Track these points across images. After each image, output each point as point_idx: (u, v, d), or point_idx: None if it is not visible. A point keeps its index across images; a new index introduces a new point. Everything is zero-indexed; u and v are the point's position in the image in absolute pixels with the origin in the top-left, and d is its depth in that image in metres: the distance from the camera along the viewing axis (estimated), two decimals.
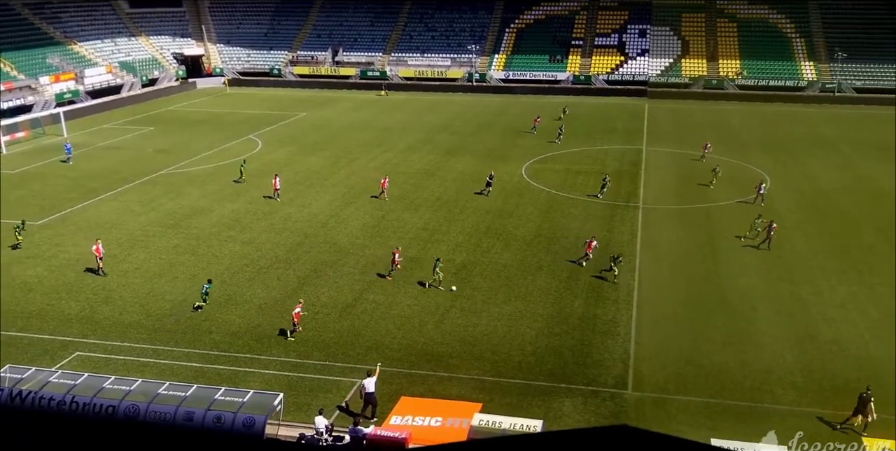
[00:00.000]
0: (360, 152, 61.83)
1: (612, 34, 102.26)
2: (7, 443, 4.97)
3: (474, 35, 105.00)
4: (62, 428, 5.21)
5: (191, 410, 23.33)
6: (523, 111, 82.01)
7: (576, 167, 56.79)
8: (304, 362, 28.43)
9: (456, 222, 44.13)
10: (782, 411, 25.36)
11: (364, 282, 35.53)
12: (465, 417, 23.71)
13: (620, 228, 43.26)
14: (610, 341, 29.91)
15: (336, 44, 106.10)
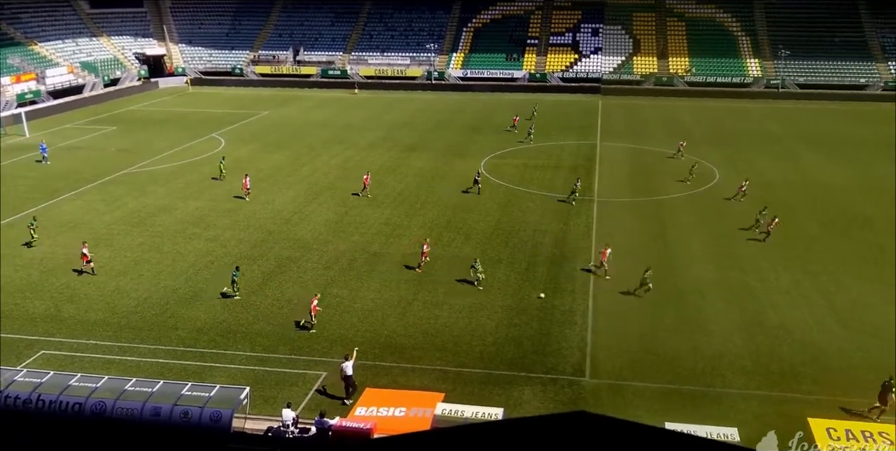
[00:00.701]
0: (321, 150, 61.45)
1: (566, 33, 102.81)
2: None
3: (433, 34, 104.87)
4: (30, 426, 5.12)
5: (158, 405, 23.01)
6: (481, 108, 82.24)
7: (533, 162, 57.03)
8: (270, 356, 28.22)
9: (417, 217, 44.09)
10: (733, 394, 25.77)
11: (328, 277, 35.35)
12: (429, 407, 23.72)
13: (576, 220, 43.54)
14: (567, 331, 30.13)
15: (297, 43, 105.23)
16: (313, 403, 25.04)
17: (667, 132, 68.79)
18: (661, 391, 26.00)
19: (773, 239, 39.97)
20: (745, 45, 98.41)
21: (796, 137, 67.32)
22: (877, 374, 26.83)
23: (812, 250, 39.30)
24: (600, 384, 26.43)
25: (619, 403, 25.21)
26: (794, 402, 25.04)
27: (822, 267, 36.73)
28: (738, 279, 35.17)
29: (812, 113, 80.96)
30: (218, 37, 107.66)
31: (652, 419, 23.14)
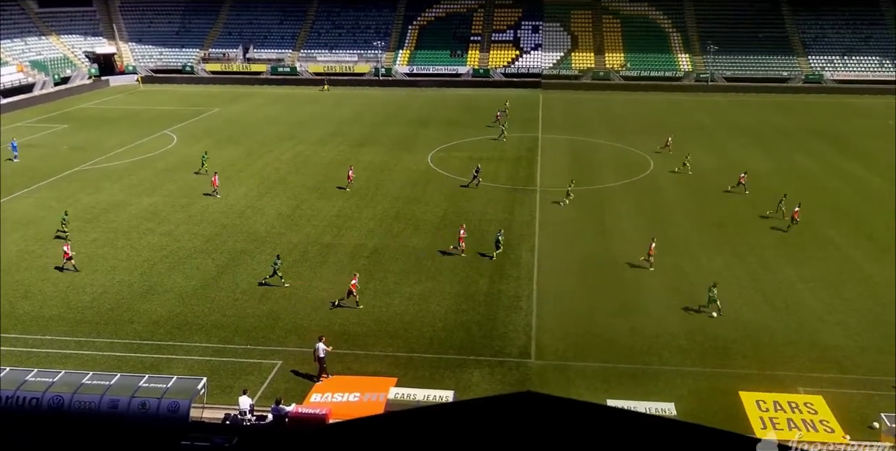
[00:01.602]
0: (273, 145, 60.66)
1: (507, 30, 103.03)
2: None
3: (379, 32, 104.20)
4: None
5: (115, 398, 22.57)
6: (427, 103, 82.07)
7: (478, 155, 57.07)
8: (226, 346, 27.86)
9: (367, 209, 43.87)
10: (669, 371, 26.25)
11: (281, 268, 34.87)
12: (382, 391, 23.71)
13: (520, 210, 43.80)
14: (514, 315, 30.33)
15: (247, 41, 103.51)
16: (270, 391, 24.80)
17: (604, 124, 69.51)
18: (603, 370, 26.36)
19: (704, 224, 40.73)
20: (676, 41, 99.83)
21: (724, 127, 68.59)
22: (800, 348, 27.67)
23: (740, 233, 40.14)
24: (545, 365, 26.69)
25: (564, 382, 25.49)
26: (727, 377, 25.62)
27: (749, 250, 37.57)
28: (673, 263, 35.76)
29: (739, 104, 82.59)
30: (168, 35, 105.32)
31: (594, 397, 23.49)
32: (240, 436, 21.24)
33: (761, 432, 21.64)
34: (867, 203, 45.14)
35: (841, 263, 35.92)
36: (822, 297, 32.07)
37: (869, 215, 42.84)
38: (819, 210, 43.65)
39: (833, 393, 24.20)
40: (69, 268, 34.74)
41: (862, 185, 49.33)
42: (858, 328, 29.12)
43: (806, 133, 66.12)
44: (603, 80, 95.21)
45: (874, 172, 52.36)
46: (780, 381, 25.29)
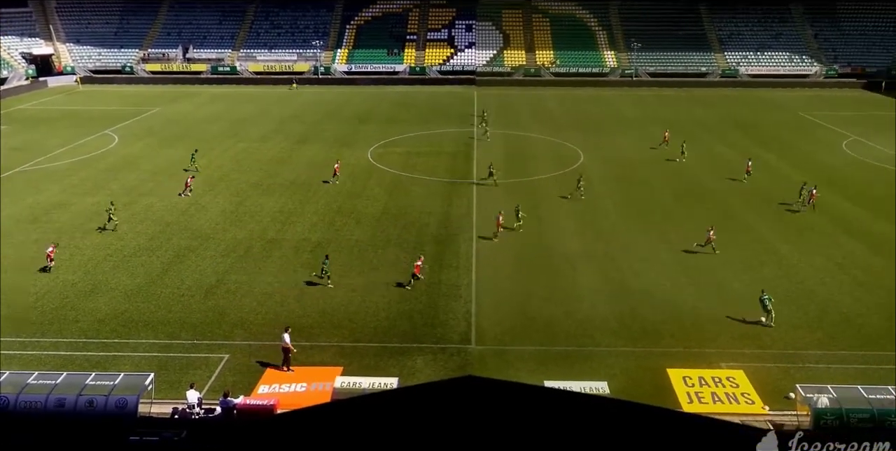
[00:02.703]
0: (215, 143, 59.40)
1: (442, 29, 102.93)
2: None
3: (318, 31, 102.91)
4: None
5: (62, 396, 21.87)
6: (366, 100, 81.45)
7: (416, 150, 57.00)
8: (173, 342, 27.26)
9: (310, 204, 43.38)
10: (602, 352, 26.67)
11: (226, 264, 34.37)
12: (328, 381, 23.54)
13: (458, 202, 43.89)
14: (454, 303, 30.41)
15: (186, 41, 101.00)
16: (218, 384, 24.35)
17: (536, 119, 70.09)
18: (540, 352, 26.65)
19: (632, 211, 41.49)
20: (602, 38, 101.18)
21: (649, 120, 69.80)
22: (722, 326, 28.43)
23: (666, 219, 40.99)
24: (485, 350, 26.84)
25: (503, 366, 25.65)
26: (655, 356, 26.15)
27: (675, 235, 38.36)
28: (603, 250, 36.32)
29: (661, 98, 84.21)
30: (106, 36, 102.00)
31: (532, 379, 23.70)
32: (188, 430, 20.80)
33: (688, 406, 22.20)
34: (780, 189, 46.52)
35: (757, 244, 36.98)
36: (742, 276, 32.99)
37: (781, 199, 44.13)
38: (735, 196, 44.83)
39: (753, 367, 24.97)
40: (48, 267, 33.67)
41: (775, 172, 50.84)
42: (775, 306, 29.98)
43: (724, 125, 67.83)
44: (534, 76, 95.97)
45: (786, 161, 54.04)
46: (704, 358, 25.94)
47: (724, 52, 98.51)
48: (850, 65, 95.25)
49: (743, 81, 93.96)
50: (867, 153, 56.34)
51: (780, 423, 22.39)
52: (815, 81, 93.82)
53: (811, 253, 35.76)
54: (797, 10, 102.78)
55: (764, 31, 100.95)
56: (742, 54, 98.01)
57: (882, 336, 27.66)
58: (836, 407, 21.57)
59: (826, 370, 25.29)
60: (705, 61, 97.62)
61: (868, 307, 30.00)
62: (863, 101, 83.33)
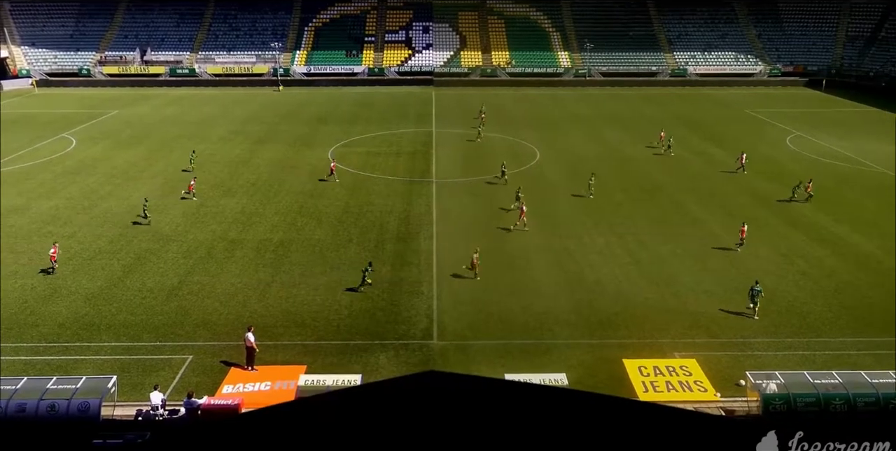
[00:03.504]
0: (175, 145, 58.44)
1: (399, 31, 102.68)
2: None
3: (276, 33, 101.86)
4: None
5: (22, 401, 21.34)
6: (326, 101, 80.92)
7: (376, 150, 56.81)
8: (135, 344, 26.77)
9: (271, 205, 42.95)
10: (560, 344, 26.90)
11: (188, 265, 33.86)
12: (292, 379, 23.36)
13: (418, 201, 43.86)
14: (416, 300, 30.39)
15: (144, 44, 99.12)
16: (182, 385, 23.99)
17: (494, 118, 70.25)
18: (500, 346, 26.78)
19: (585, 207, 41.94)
20: (556, 39, 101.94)
21: (602, 118, 70.62)
22: (674, 317, 28.88)
23: (618, 214, 41.48)
24: (447, 346, 26.89)
25: (464, 360, 25.73)
26: (611, 347, 26.45)
27: (627, 229, 38.87)
28: (559, 244, 36.63)
29: (614, 97, 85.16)
30: (62, 38, 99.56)
31: (493, 372, 23.85)
32: (152, 431, 20.47)
33: (644, 395, 22.52)
34: (726, 183, 47.43)
35: (706, 237, 37.62)
36: (692, 269, 33.56)
37: (728, 194, 45.01)
38: (685, 191, 45.56)
39: (704, 356, 25.42)
40: (51, 269, 33.09)
41: (721, 166, 51.76)
42: (724, 296, 30.64)
43: (674, 122, 68.84)
44: (490, 76, 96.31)
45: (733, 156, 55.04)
46: (658, 348, 26.33)
47: (673, 52, 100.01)
48: (792, 64, 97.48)
49: (691, 80, 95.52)
50: (810, 148, 57.72)
51: (732, 409, 22.88)
52: (759, 80, 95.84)
53: (756, 245, 36.51)
54: (742, 12, 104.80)
55: (711, 32, 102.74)
56: (690, 54, 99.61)
57: (824, 323, 28.42)
58: (784, 392, 22.09)
59: (773, 357, 25.88)
60: (655, 61, 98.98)
61: (811, 296, 30.76)
62: (805, 98, 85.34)
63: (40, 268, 33.41)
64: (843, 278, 32.46)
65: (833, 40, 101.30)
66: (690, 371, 24.07)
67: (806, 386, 22.36)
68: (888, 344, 26.54)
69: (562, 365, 24.90)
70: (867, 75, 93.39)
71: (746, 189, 46.21)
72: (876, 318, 28.77)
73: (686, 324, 28.35)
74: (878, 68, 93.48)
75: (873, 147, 57.99)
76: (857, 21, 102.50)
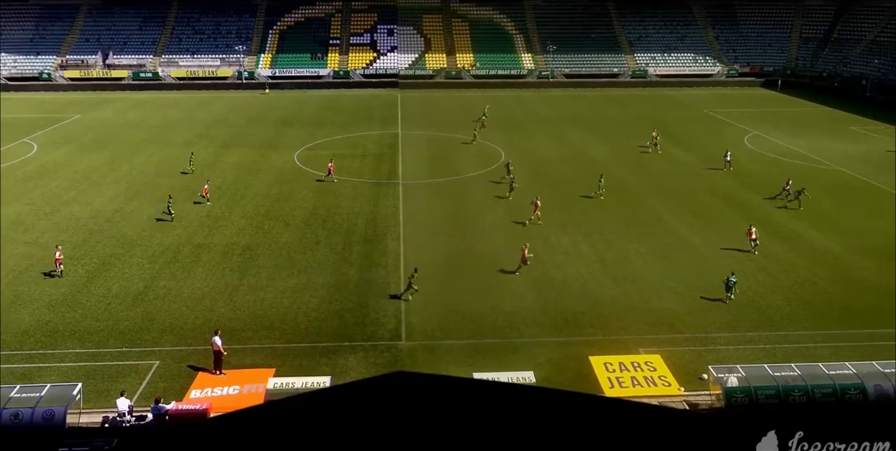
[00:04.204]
0: (138, 149, 57.55)
1: (364, 34, 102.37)
2: None
3: (241, 37, 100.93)
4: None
5: None
6: (291, 104, 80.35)
7: (341, 152, 56.50)
8: (101, 350, 26.30)
9: (237, 208, 42.51)
10: (528, 343, 27.01)
11: (153, 270, 33.36)
12: (261, 382, 23.16)
13: (385, 202, 43.76)
14: (383, 301, 30.28)
15: (106, 47, 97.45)
16: (149, 390, 23.61)
17: (459, 120, 70.41)
18: (468, 346, 26.81)
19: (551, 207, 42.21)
20: (519, 42, 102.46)
21: (565, 120, 71.10)
22: (638, 314, 29.20)
23: (584, 214, 41.80)
24: (415, 346, 26.85)
25: (433, 360, 25.71)
26: (578, 344, 26.62)
27: (592, 228, 39.18)
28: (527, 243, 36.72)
29: (576, 98, 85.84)
30: (21, 43, 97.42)
31: (461, 371, 23.88)
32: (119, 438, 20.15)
33: (610, 391, 22.73)
34: (689, 182, 48.10)
35: (669, 236, 38.10)
36: (655, 267, 33.94)
37: (691, 193, 45.64)
38: (649, 190, 46.09)
39: (668, 351, 25.74)
40: (57, 274, 32.51)
41: (683, 165, 52.50)
42: (686, 293, 31.05)
43: (635, 122, 69.63)
44: (455, 78, 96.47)
45: (693, 155, 55.89)
46: (623, 344, 26.58)
47: (634, 54, 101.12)
48: (749, 65, 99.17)
49: (652, 81, 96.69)
50: (767, 147, 58.77)
51: (695, 403, 23.20)
52: (717, 81, 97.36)
53: (719, 241, 37.07)
54: (699, 14, 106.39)
55: (670, 34, 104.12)
56: (650, 55, 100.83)
57: (784, 317, 28.96)
58: (746, 385, 22.48)
59: (735, 351, 26.28)
60: (616, 62, 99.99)
61: (771, 290, 31.31)
62: (761, 98, 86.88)
63: (1, 275, 32.63)
64: (801, 274, 33.10)
65: (788, 42, 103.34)
66: (655, 366, 24.37)
67: (766, 379, 22.77)
68: (844, 337, 27.21)
69: (529, 363, 25.01)
70: (821, 76, 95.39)
71: (707, 188, 46.90)
72: (833, 311, 29.43)
73: (650, 320, 28.66)
74: (830, 69, 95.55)
75: (828, 145, 59.27)
76: (810, 23, 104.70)
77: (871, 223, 39.50)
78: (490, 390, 5.59)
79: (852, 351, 25.78)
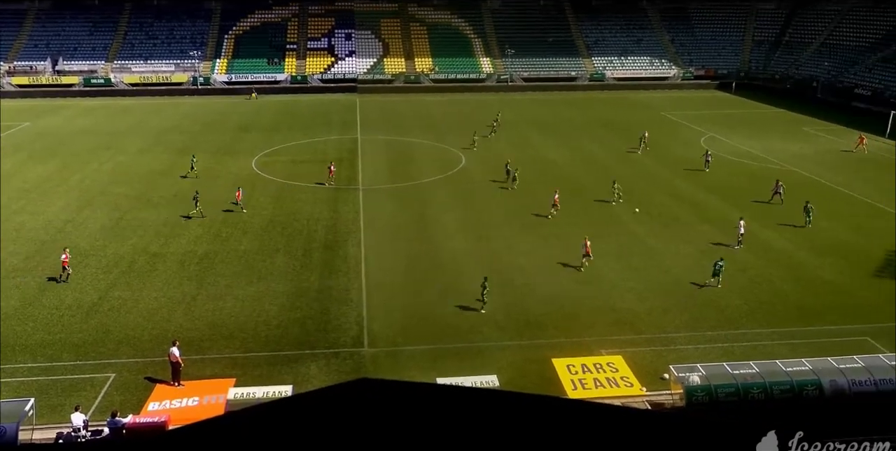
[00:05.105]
0: (90, 157, 56.39)
1: (321, 38, 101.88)
2: None
3: (195, 42, 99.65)
4: None
5: None
6: (249, 110, 79.59)
7: (300, 158, 56.17)
8: (54, 364, 25.66)
9: (194, 216, 41.88)
10: (491, 346, 27.08)
11: (108, 280, 32.69)
12: (221, 393, 22.83)
13: (345, 208, 43.55)
14: (345, 308, 30.12)
15: (56, 53, 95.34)
16: (105, 404, 23.11)
17: (418, 124, 70.49)
18: (431, 351, 26.76)
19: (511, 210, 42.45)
20: (477, 45, 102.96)
21: (525, 123, 71.58)
22: (600, 315, 29.49)
23: (542, 216, 42.05)
24: (378, 352, 26.75)
25: (396, 366, 25.62)
26: (540, 347, 26.77)
27: (552, 230, 39.48)
28: (487, 248, 36.92)
29: (536, 102, 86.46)
30: None
31: (425, 377, 23.81)
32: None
33: (573, 392, 22.87)
34: (647, 185, 48.75)
35: (628, 237, 38.56)
36: (615, 268, 34.33)
37: (649, 195, 46.26)
38: (608, 192, 46.57)
39: (630, 352, 26.03)
40: (62, 278, 32.21)
41: (642, 168, 53.22)
42: (646, 293, 31.47)
43: (594, 125, 70.47)
44: (414, 83, 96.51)
45: (650, 157, 56.70)
46: (585, 346, 26.81)
47: (592, 57, 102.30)
48: (704, 67, 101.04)
49: (610, 84, 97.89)
50: (722, 148, 59.86)
51: (658, 402, 23.49)
52: (673, 83, 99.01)
53: (676, 242, 37.67)
54: (655, 18, 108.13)
55: (626, 37, 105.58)
56: (608, 59, 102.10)
57: (742, 316, 29.51)
58: (706, 384, 22.84)
59: (695, 350, 26.70)
60: (574, 66, 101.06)
61: (729, 290, 31.86)
62: (716, 100, 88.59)
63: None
64: (757, 273, 33.77)
65: (741, 45, 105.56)
66: (617, 367, 24.60)
67: (726, 377, 23.17)
68: (800, 334, 27.83)
69: (493, 367, 25.07)
70: (773, 78, 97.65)
71: (666, 189, 47.59)
72: (788, 309, 30.08)
73: (611, 321, 28.97)
74: (782, 71, 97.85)
75: (781, 146, 60.66)
76: (762, 26, 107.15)
77: (823, 222, 40.47)
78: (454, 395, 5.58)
79: (808, 348, 26.37)
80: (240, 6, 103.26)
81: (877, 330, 27.89)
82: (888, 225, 40.56)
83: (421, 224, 40.75)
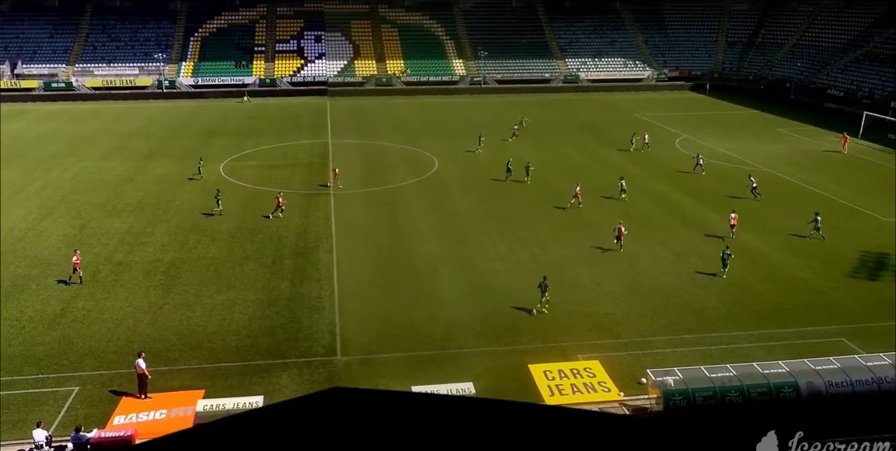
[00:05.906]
0: (52, 163, 55.55)
1: (290, 40, 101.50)
2: None
3: (160, 44, 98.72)
4: None
5: None
6: (216, 114, 78.91)
7: (270, 162, 55.83)
8: (14, 378, 25.16)
9: (161, 224, 41.40)
10: (467, 353, 27.04)
11: (71, 291, 32.18)
12: (189, 405, 22.56)
13: (316, 213, 43.32)
14: (317, 316, 29.94)
15: (14, 56, 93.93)
16: (69, 418, 22.70)
17: (390, 127, 70.40)
18: (406, 358, 26.67)
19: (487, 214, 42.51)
20: (450, 47, 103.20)
21: (498, 125, 71.63)
22: (577, 319, 29.60)
23: (520, 219, 42.20)
24: (351, 361, 26.59)
25: (370, 375, 25.48)
26: (517, 353, 26.78)
27: (528, 234, 39.60)
28: (463, 252, 36.91)
29: (509, 104, 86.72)
30: None
31: (399, 385, 23.76)
32: None
33: (550, 399, 22.94)
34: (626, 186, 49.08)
35: (605, 240, 38.75)
36: (592, 271, 34.50)
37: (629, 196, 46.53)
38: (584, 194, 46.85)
39: (607, 357, 26.17)
40: (75, 280, 32.40)
41: (617, 169, 53.58)
42: (623, 297, 31.67)
43: (568, 127, 70.87)
44: (386, 85, 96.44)
45: (626, 159, 57.15)
46: (562, 351, 26.89)
47: (566, 59, 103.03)
48: (677, 69, 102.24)
49: (583, 86, 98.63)
50: (697, 149, 60.43)
51: (636, 407, 23.62)
52: (647, 85, 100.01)
53: (652, 244, 37.97)
54: (628, 19, 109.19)
55: (600, 39, 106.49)
56: (581, 60, 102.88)
57: (718, 318, 29.80)
58: (683, 388, 23.01)
59: (672, 354, 26.89)
60: (548, 68, 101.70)
61: (706, 292, 32.20)
62: (691, 102, 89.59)
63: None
64: (733, 275, 34.10)
65: (714, 46, 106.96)
66: (594, 372, 24.71)
67: (703, 380, 23.36)
68: (777, 335, 28.19)
69: (469, 374, 25.04)
70: (747, 79, 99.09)
71: (642, 191, 47.93)
72: (764, 311, 30.45)
73: (588, 325, 29.10)
74: (756, 72, 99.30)
75: (755, 147, 61.50)
76: (735, 27, 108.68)
77: (798, 222, 41.01)
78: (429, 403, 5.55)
79: (785, 349, 26.74)
80: (206, 7, 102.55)
81: (851, 331, 28.38)
82: (863, 225, 41.31)
83: (394, 229, 40.65)
